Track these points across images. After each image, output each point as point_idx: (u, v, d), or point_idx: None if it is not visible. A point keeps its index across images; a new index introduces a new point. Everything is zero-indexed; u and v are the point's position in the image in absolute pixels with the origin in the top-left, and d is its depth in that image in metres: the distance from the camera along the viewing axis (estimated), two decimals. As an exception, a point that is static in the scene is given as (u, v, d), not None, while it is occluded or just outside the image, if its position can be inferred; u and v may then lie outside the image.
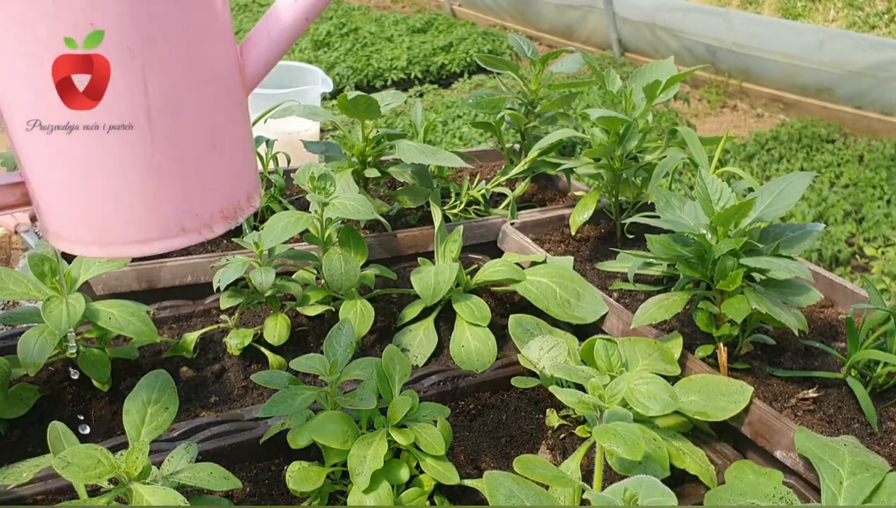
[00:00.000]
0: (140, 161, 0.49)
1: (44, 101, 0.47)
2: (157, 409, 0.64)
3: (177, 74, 0.48)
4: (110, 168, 0.49)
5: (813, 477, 0.72)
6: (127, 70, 0.46)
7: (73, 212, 0.52)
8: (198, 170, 0.51)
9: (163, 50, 0.47)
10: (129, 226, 0.51)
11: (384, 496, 0.66)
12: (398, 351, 0.76)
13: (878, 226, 2.77)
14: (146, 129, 0.48)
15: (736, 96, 4.45)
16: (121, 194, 0.50)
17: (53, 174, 0.50)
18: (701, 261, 0.86)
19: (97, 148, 0.48)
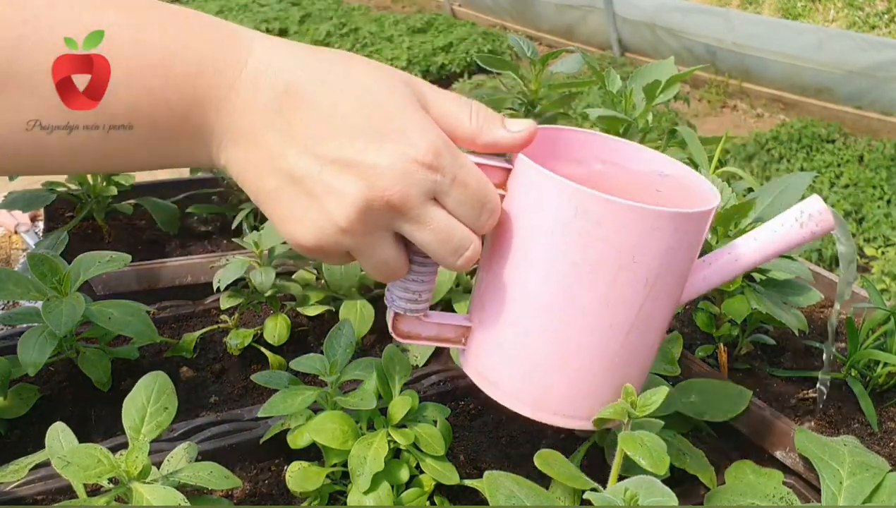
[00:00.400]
0: (609, 350, 0.54)
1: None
2: (156, 409, 0.65)
3: (672, 297, 0.55)
4: (586, 351, 0.54)
5: (813, 477, 0.72)
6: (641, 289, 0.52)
7: (524, 370, 0.56)
8: (635, 370, 0.58)
9: (668, 279, 0.53)
10: (563, 400, 0.57)
11: (384, 496, 0.66)
12: (398, 351, 0.76)
13: (878, 226, 2.78)
14: (626, 327, 0.54)
15: (736, 96, 4.45)
16: (582, 375, 0.55)
17: (533, 337, 0.54)
18: (701, 261, 0.86)
19: (579, 326, 0.53)
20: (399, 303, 0.55)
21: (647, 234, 0.50)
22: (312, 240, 0.47)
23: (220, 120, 0.46)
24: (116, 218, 1.17)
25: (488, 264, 0.55)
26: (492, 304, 0.55)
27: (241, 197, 1.21)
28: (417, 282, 0.54)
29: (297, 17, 5.25)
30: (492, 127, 0.50)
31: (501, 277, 0.54)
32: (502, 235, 0.53)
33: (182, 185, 1.27)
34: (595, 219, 0.49)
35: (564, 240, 0.50)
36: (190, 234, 1.18)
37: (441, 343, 0.58)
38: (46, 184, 1.09)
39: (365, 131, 0.45)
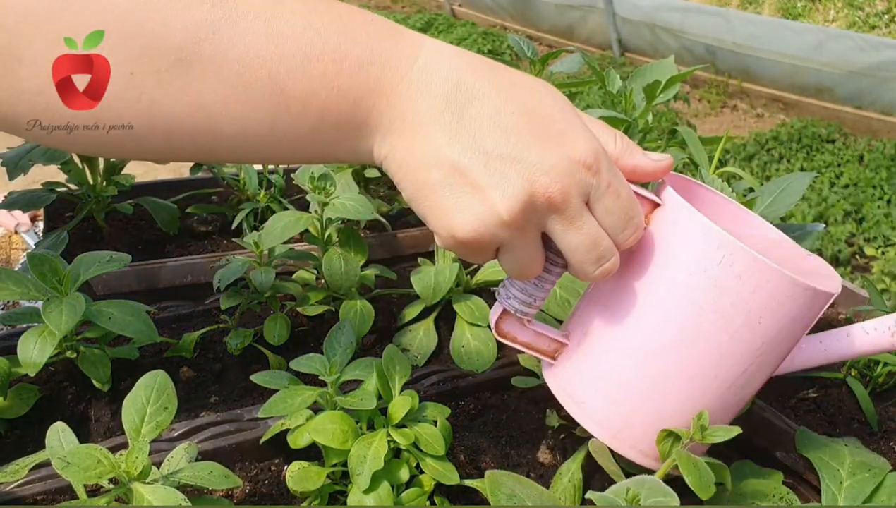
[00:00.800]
0: (704, 400, 0.55)
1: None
2: (156, 409, 0.64)
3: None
4: (683, 396, 0.55)
5: (813, 477, 0.72)
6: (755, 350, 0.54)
7: (614, 401, 0.57)
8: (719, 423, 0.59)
9: (780, 348, 0.56)
10: (644, 436, 0.57)
11: (384, 496, 0.66)
12: (398, 351, 0.76)
13: (878, 226, 2.78)
14: (728, 383, 0.55)
15: (736, 96, 4.45)
16: (671, 418, 0.56)
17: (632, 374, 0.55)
18: (701, 261, 0.86)
19: (686, 370, 0.54)
20: (512, 303, 0.56)
21: (781, 301, 0.51)
22: (472, 231, 0.48)
23: (390, 109, 0.47)
24: (116, 218, 1.17)
25: (608, 289, 0.56)
26: (599, 329, 0.56)
27: (241, 197, 1.21)
28: (539, 288, 0.55)
29: (297, 17, 5.25)
30: (634, 152, 0.53)
31: (619, 306, 0.55)
32: (635, 264, 0.54)
33: (182, 185, 1.27)
34: (738, 271, 0.50)
35: (701, 285, 0.51)
36: (190, 234, 1.18)
37: (533, 351, 0.60)
38: (46, 185, 1.08)
39: (531, 131, 0.47)
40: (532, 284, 0.55)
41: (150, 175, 2.61)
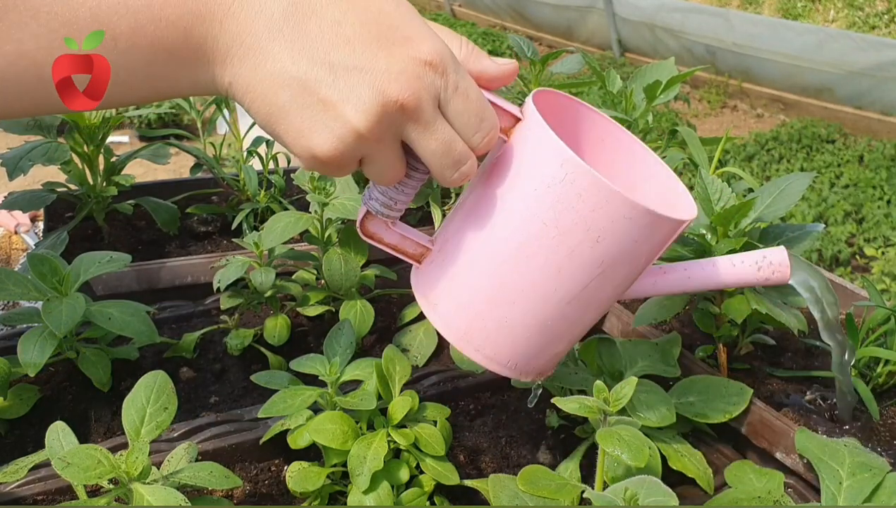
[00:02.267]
0: (545, 312, 0.57)
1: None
2: (156, 409, 0.64)
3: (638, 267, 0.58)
4: (525, 305, 0.57)
5: (813, 477, 0.72)
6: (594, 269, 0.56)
7: (462, 303, 0.59)
8: (558, 340, 0.61)
9: (621, 269, 0.57)
10: (488, 340, 0.59)
11: (384, 496, 0.66)
12: (398, 351, 0.76)
13: (878, 226, 2.78)
14: (568, 298, 0.57)
15: (736, 96, 4.45)
16: (513, 325, 0.58)
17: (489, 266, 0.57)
18: (701, 262, 0.86)
19: (528, 280, 0.56)
20: (374, 204, 0.58)
21: (619, 221, 0.53)
22: (330, 149, 0.48)
23: (224, 34, 0.46)
24: (116, 218, 1.17)
25: (467, 200, 0.59)
26: (456, 236, 0.58)
27: (241, 197, 1.21)
28: (399, 192, 0.57)
29: (297, 17, 5.26)
30: (480, 56, 0.53)
31: (475, 216, 0.57)
32: (489, 177, 0.56)
33: (182, 185, 1.27)
34: (579, 190, 0.52)
35: (544, 200, 0.53)
36: (190, 234, 1.18)
37: (399, 254, 0.62)
38: (46, 185, 1.09)
39: (375, 39, 0.47)
40: (393, 189, 0.56)
41: (150, 175, 2.61)
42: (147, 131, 3.27)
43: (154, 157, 1.15)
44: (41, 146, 1.00)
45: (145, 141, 3.49)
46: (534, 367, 0.62)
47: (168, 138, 1.22)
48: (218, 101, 1.21)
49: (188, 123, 3.64)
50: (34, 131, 1.02)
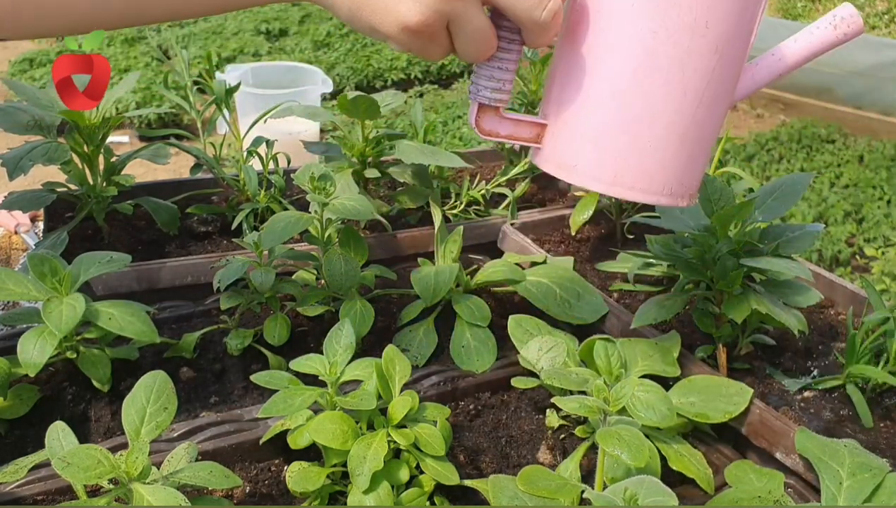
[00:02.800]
0: (683, 119, 0.59)
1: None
2: (156, 409, 0.65)
3: (721, 74, 0.60)
4: (662, 120, 0.59)
5: (813, 478, 0.72)
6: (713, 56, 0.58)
7: (601, 148, 0.61)
8: (702, 146, 0.62)
9: (733, 50, 0.59)
10: (641, 173, 0.61)
11: (384, 496, 0.66)
12: (398, 351, 0.76)
13: (878, 226, 2.78)
14: (699, 96, 0.59)
15: (736, 96, 4.44)
16: (656, 146, 0.60)
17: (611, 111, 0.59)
18: (701, 262, 0.86)
19: (657, 95, 0.58)
20: (485, 94, 0.60)
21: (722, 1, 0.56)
22: (418, 14, 0.51)
23: None
24: (116, 218, 1.17)
25: (566, 58, 0.61)
26: (570, 92, 0.60)
27: (241, 197, 1.21)
28: (502, 70, 0.59)
29: (297, 17, 5.25)
30: None
31: (580, 62, 0.59)
32: (579, 23, 0.59)
33: (182, 185, 1.27)
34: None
35: (645, 8, 0.56)
36: (190, 234, 1.17)
37: (518, 140, 0.63)
38: (46, 185, 1.08)
39: None
40: (495, 67, 0.59)
41: (150, 175, 2.61)
42: (147, 131, 3.27)
43: (154, 157, 1.15)
44: (41, 146, 0.99)
45: (145, 141, 3.49)
46: (686, 187, 0.63)
47: (168, 138, 1.22)
48: (218, 101, 1.20)
49: (188, 123, 3.63)
50: (34, 131, 1.02)
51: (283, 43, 4.82)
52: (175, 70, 1.25)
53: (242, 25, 5.01)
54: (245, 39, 4.69)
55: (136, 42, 4.74)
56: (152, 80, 3.89)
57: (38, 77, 4.07)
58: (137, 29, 4.95)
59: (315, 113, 1.14)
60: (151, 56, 4.36)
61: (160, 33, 4.89)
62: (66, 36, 0.55)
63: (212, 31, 4.92)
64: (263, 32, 4.98)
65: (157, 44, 4.63)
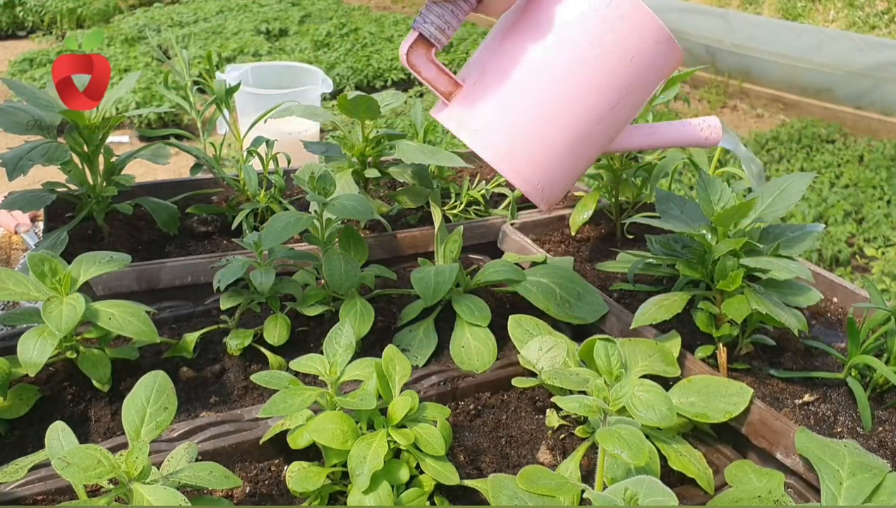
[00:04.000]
0: (579, 130, 0.65)
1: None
2: (156, 409, 0.65)
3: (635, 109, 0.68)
4: (563, 122, 0.65)
5: (813, 478, 0.72)
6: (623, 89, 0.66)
7: (507, 124, 0.65)
8: (583, 163, 0.70)
9: (636, 96, 0.67)
10: (529, 162, 0.66)
11: (384, 496, 0.66)
12: (398, 351, 0.76)
13: (878, 226, 2.77)
14: (599, 118, 0.65)
15: (736, 96, 4.45)
16: (550, 144, 0.66)
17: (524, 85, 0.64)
18: (701, 262, 0.86)
19: (573, 100, 0.65)
20: (429, 28, 0.64)
21: (649, 43, 0.63)
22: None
23: None
24: (116, 218, 1.17)
25: (505, 31, 0.65)
26: (499, 64, 0.65)
27: (241, 197, 1.21)
28: (454, 16, 0.63)
29: (296, 17, 5.25)
30: None
31: (519, 45, 0.64)
32: (529, 8, 0.64)
33: (182, 185, 1.27)
34: (621, 12, 0.62)
35: (591, 20, 0.62)
36: (190, 234, 1.18)
37: (432, 86, 0.67)
38: (46, 185, 1.08)
39: None
40: (449, 10, 0.63)
41: (150, 175, 2.60)
42: (147, 131, 3.26)
43: (154, 157, 1.15)
44: (41, 146, 0.99)
45: (145, 141, 3.49)
46: (554, 194, 0.69)
47: (168, 138, 1.22)
48: (218, 101, 1.20)
49: (188, 123, 3.64)
50: (34, 131, 1.02)
51: (283, 43, 4.81)
52: (175, 70, 1.25)
53: (242, 25, 5.01)
54: (245, 39, 4.69)
55: (136, 42, 4.74)
56: (152, 80, 3.89)
57: (38, 77, 4.07)
58: (138, 29, 4.95)
59: (315, 113, 1.14)
60: (151, 56, 4.36)
61: (160, 33, 4.89)
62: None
63: (212, 31, 4.92)
64: (263, 32, 4.98)
65: (157, 44, 4.62)
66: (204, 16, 5.40)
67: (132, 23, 5.21)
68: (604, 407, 0.65)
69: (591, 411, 0.64)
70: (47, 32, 5.44)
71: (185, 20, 5.28)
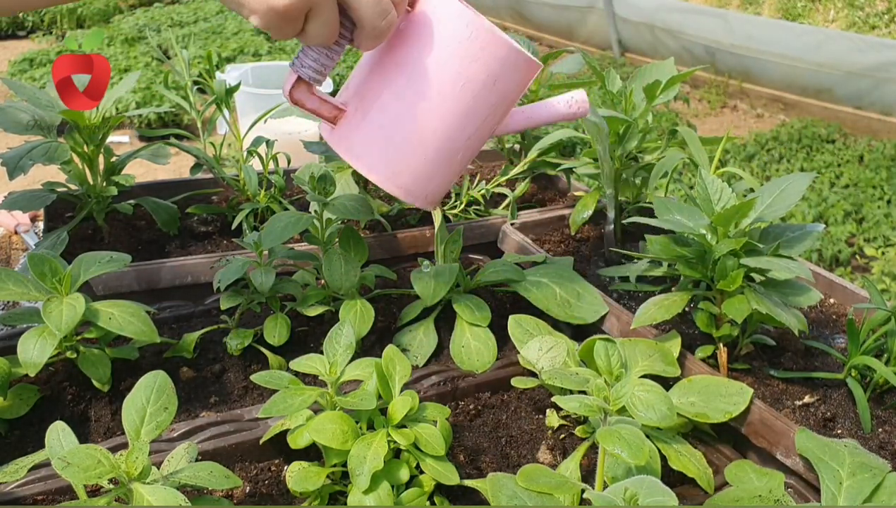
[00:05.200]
0: (452, 147, 0.73)
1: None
2: (156, 409, 0.65)
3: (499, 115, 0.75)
4: (438, 142, 0.72)
5: (813, 478, 0.72)
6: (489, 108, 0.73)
7: (387, 147, 0.71)
8: (458, 171, 0.77)
9: (501, 109, 0.74)
10: (411, 177, 0.73)
11: (384, 496, 0.66)
12: (398, 351, 0.76)
13: (878, 226, 2.78)
14: (467, 135, 0.73)
15: (736, 96, 4.45)
16: (428, 160, 0.73)
17: (392, 111, 0.71)
18: (701, 262, 0.86)
19: (444, 123, 0.71)
20: (307, 71, 0.69)
21: (510, 68, 0.70)
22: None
23: None
24: (116, 218, 1.17)
25: (380, 62, 0.71)
26: (376, 93, 0.71)
27: (241, 197, 1.21)
28: (329, 59, 0.68)
29: (297, 17, 5.26)
30: None
31: (392, 76, 0.70)
32: (403, 40, 0.69)
33: (182, 185, 1.27)
34: (482, 43, 0.68)
35: (456, 54, 0.68)
36: (190, 234, 1.18)
37: (317, 114, 0.72)
38: (46, 185, 1.09)
39: None
40: (325, 54, 0.67)
41: (150, 175, 2.60)
42: (147, 131, 3.27)
43: (154, 157, 1.15)
44: (41, 146, 0.99)
45: (145, 141, 3.49)
46: (439, 197, 0.78)
47: (168, 138, 1.22)
48: (218, 101, 1.20)
49: (188, 123, 3.64)
50: (34, 131, 1.02)
51: (283, 43, 4.82)
52: (175, 70, 1.25)
53: (242, 25, 5.01)
54: (245, 39, 4.69)
55: (136, 42, 4.74)
56: (152, 80, 3.89)
57: (38, 77, 4.07)
58: (138, 29, 4.95)
59: (315, 113, 1.13)
60: (151, 56, 4.36)
61: (160, 33, 4.89)
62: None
63: (212, 31, 4.92)
64: (263, 32, 4.98)
65: (157, 44, 4.62)
66: (204, 16, 5.40)
67: (132, 23, 5.21)
68: (604, 407, 0.65)
69: (592, 411, 0.64)
70: (47, 32, 5.44)
71: (185, 20, 5.28)
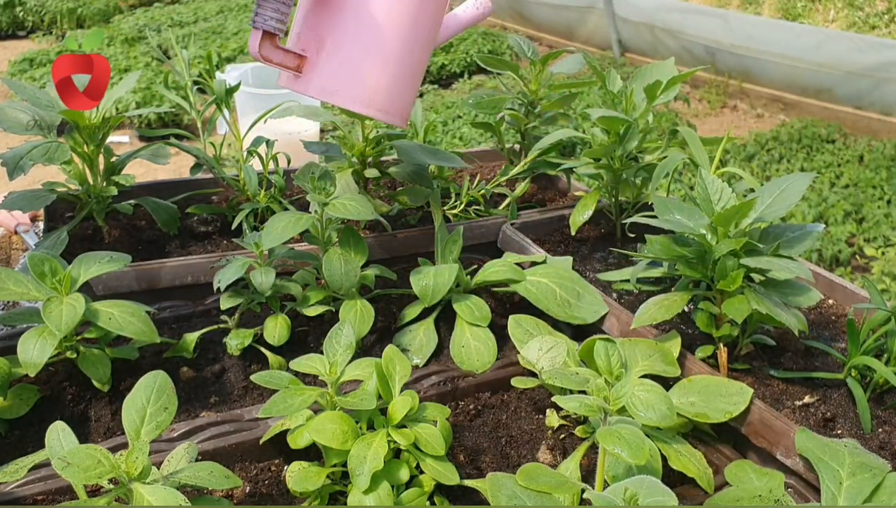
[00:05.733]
0: (413, 60, 0.87)
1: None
2: (156, 409, 0.65)
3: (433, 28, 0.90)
4: (399, 58, 0.85)
5: (813, 478, 0.72)
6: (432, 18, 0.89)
7: (358, 76, 0.83)
8: (418, 82, 0.91)
9: (440, 14, 0.90)
10: (386, 98, 0.86)
11: (384, 496, 0.66)
12: (398, 351, 0.76)
13: (878, 226, 2.77)
14: (421, 44, 0.88)
15: (736, 96, 4.45)
16: (395, 78, 0.86)
17: (357, 44, 0.83)
18: (701, 262, 0.86)
19: (396, 36, 0.84)
20: (271, 23, 0.76)
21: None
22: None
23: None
24: (116, 218, 1.17)
25: (323, 2, 0.80)
26: (331, 31, 0.80)
27: (241, 197, 1.21)
28: (286, 5, 0.74)
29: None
30: None
31: (339, 9, 0.80)
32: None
33: (182, 185, 1.27)
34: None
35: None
36: (190, 234, 1.18)
37: (282, 67, 0.82)
38: (46, 185, 1.08)
39: None
40: (282, 2, 0.74)
41: (150, 175, 2.60)
42: (147, 131, 3.26)
43: (154, 157, 1.15)
44: (41, 146, 0.99)
45: (145, 141, 3.49)
46: (409, 112, 0.90)
47: (168, 138, 1.22)
48: (218, 101, 1.20)
49: (188, 123, 3.64)
50: (34, 131, 1.02)
51: (284, 43, 4.81)
52: (175, 70, 1.25)
53: (242, 25, 5.00)
54: (245, 39, 4.69)
55: (136, 42, 4.74)
56: (152, 80, 3.89)
57: (38, 77, 4.07)
58: (138, 29, 4.95)
59: (315, 113, 1.14)
60: (151, 56, 4.36)
61: (160, 33, 4.89)
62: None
63: (212, 31, 4.92)
64: (263, 32, 4.98)
65: (157, 44, 4.62)
66: (204, 16, 5.40)
67: (132, 23, 5.21)
68: (604, 407, 0.65)
69: (592, 411, 0.64)
70: (47, 32, 5.44)
71: (185, 20, 5.28)
